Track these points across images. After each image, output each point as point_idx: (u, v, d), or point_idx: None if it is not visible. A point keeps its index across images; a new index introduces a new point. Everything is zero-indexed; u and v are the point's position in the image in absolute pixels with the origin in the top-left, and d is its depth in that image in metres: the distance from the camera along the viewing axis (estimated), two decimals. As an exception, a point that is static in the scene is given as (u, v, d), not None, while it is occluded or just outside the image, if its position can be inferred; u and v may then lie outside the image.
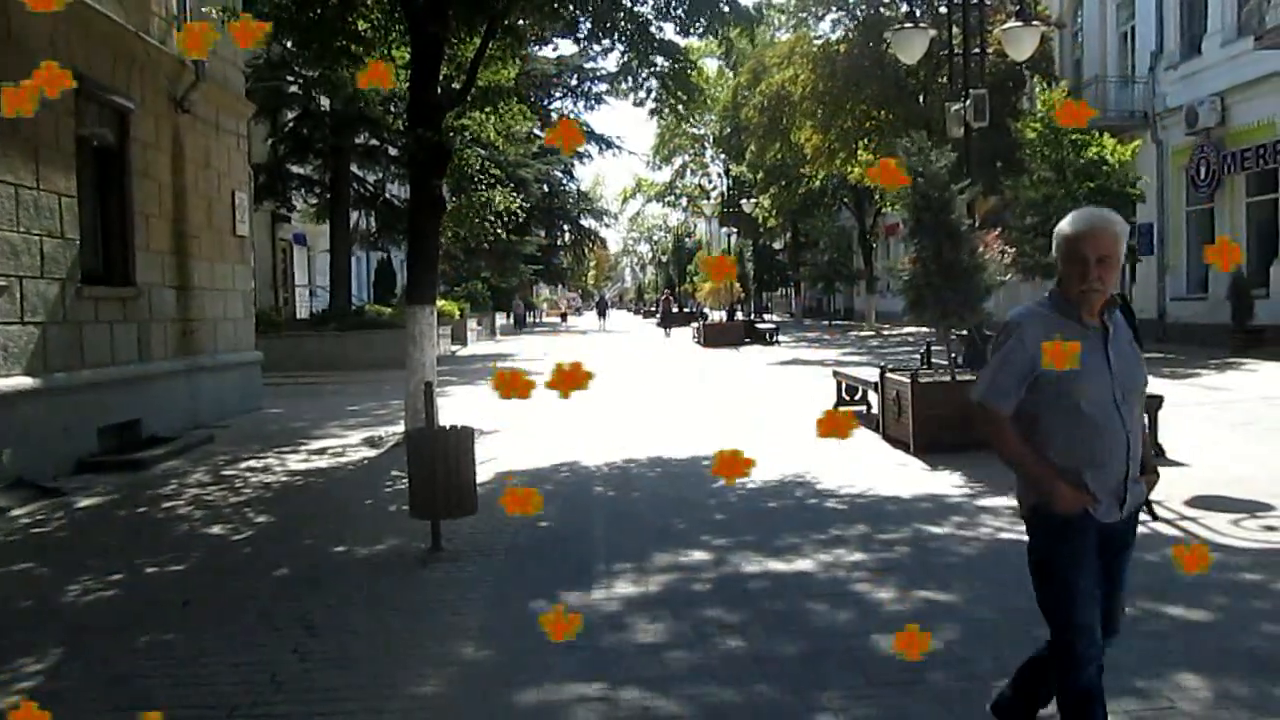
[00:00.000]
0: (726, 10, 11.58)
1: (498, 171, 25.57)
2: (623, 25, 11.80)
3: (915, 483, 8.23)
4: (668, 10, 11.82)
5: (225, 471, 9.68)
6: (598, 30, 12.00)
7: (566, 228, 53.12)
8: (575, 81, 35.93)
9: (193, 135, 12.94)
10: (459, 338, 32.73)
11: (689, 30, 12.08)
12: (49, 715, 3.72)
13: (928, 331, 11.33)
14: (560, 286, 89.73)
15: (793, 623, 4.90)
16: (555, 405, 10.44)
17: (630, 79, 12.59)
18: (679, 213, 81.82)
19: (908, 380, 9.88)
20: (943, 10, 19.80)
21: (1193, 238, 23.13)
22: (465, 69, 11.80)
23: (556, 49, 34.06)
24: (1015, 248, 17.81)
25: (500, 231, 28.31)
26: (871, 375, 11.46)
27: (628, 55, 12.22)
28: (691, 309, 54.98)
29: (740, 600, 5.29)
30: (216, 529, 7.34)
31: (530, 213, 35.79)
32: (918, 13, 26.13)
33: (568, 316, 72.33)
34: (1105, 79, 25.42)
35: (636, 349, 32.59)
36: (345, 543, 6.76)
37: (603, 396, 13.71)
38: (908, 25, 14.58)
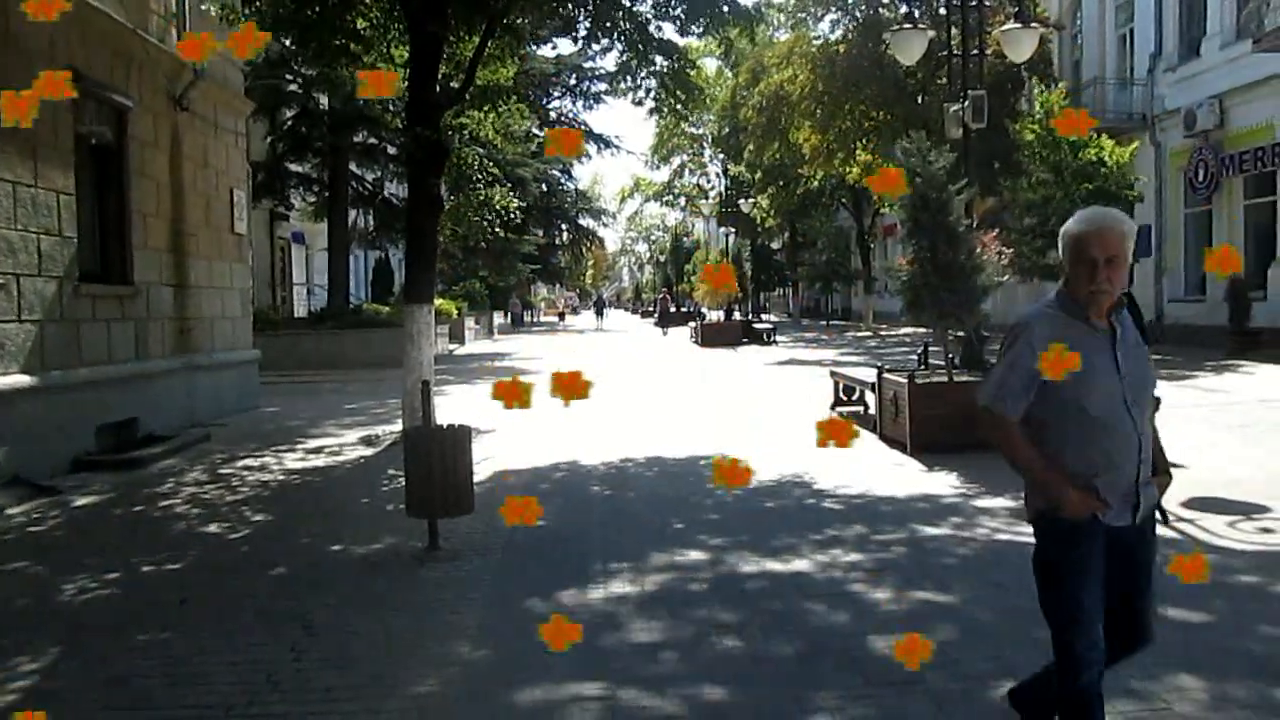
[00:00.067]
0: (725, 10, 11.58)
1: (496, 170, 25.57)
2: (622, 25, 11.80)
3: (912, 483, 8.24)
4: (667, 10, 11.83)
5: (222, 470, 9.68)
6: (597, 29, 11.99)
7: (564, 227, 53.14)
8: (574, 80, 36.04)
9: (191, 133, 12.94)
10: (457, 337, 32.72)
11: (688, 30, 12.09)
12: (44, 715, 3.72)
13: (925, 332, 11.35)
14: (558, 286, 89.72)
15: (790, 623, 4.91)
16: (552, 405, 10.43)
17: (629, 78, 12.57)
18: (677, 212, 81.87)
19: (905, 381, 9.89)
20: (942, 11, 19.79)
21: (1191, 240, 23.16)
22: (464, 68, 11.80)
23: (555, 48, 34.14)
24: (1013, 249, 17.84)
25: (498, 230, 28.31)
26: (869, 376, 11.46)
27: (627, 55, 12.20)
28: (689, 309, 54.99)
29: (737, 600, 5.30)
30: (213, 528, 7.33)
31: (528, 212, 35.82)
32: (917, 13, 26.11)
33: (565, 316, 72.30)
34: (1104, 81, 25.45)
35: (634, 349, 32.59)
36: (342, 542, 6.76)
37: (600, 396, 13.68)
38: (907, 26, 14.58)
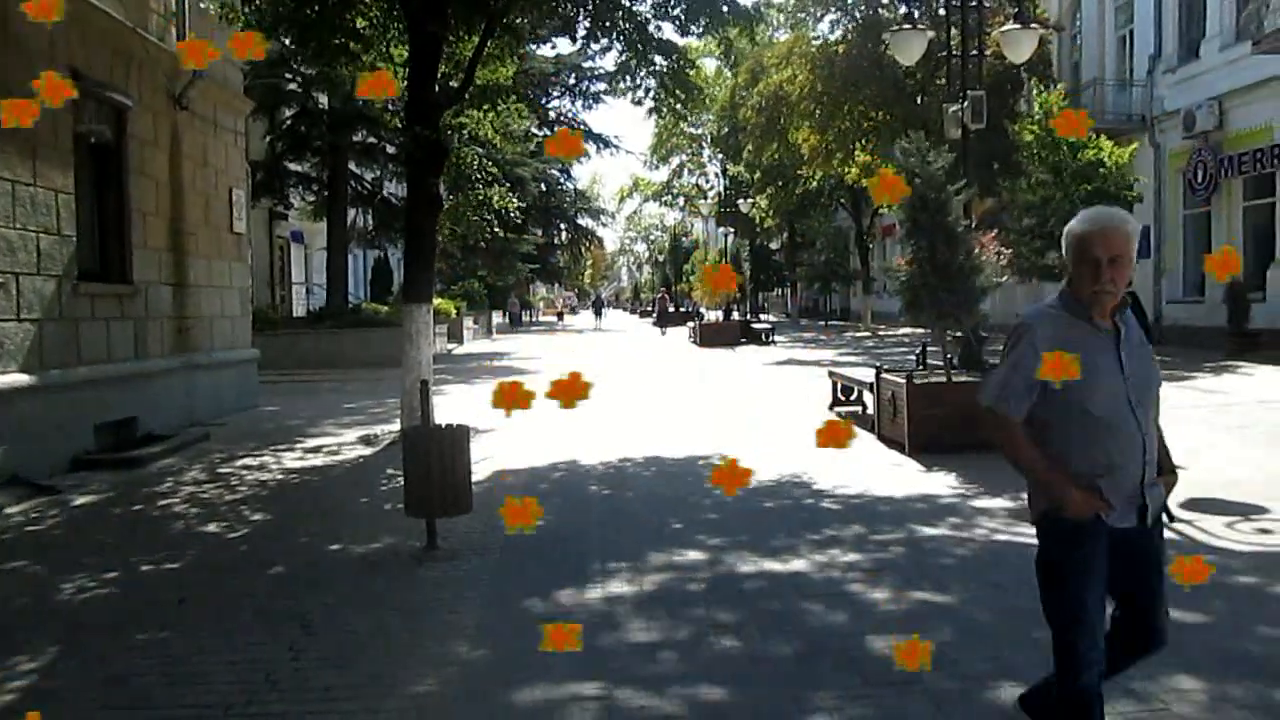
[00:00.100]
0: (725, 10, 11.58)
1: (495, 170, 25.56)
2: (621, 24, 11.80)
3: (910, 483, 8.25)
4: (666, 9, 11.83)
5: (221, 469, 9.68)
6: (596, 29, 11.99)
7: (563, 226, 53.13)
8: (573, 80, 36.01)
9: (190, 132, 12.93)
10: (455, 336, 32.73)
11: (688, 30, 12.08)
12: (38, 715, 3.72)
13: (924, 332, 11.35)
14: (557, 285, 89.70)
15: (788, 623, 4.91)
16: (551, 405, 10.43)
17: (628, 78, 12.57)
18: (676, 212, 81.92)
19: (903, 381, 9.89)
20: (941, 12, 19.80)
21: (1189, 241, 23.18)
22: (463, 67, 11.79)
23: (555, 48, 34.13)
24: (1012, 249, 17.85)
25: (497, 230, 28.31)
26: (867, 376, 11.47)
27: (626, 54, 12.20)
28: (688, 308, 55.03)
29: (736, 600, 5.30)
30: (212, 527, 7.33)
31: (527, 211, 35.81)
32: (916, 14, 26.12)
33: (564, 315, 72.31)
34: (1103, 82, 25.45)
35: (633, 348, 32.60)
36: (341, 541, 6.76)
37: (599, 396, 13.68)
38: (906, 26, 14.57)
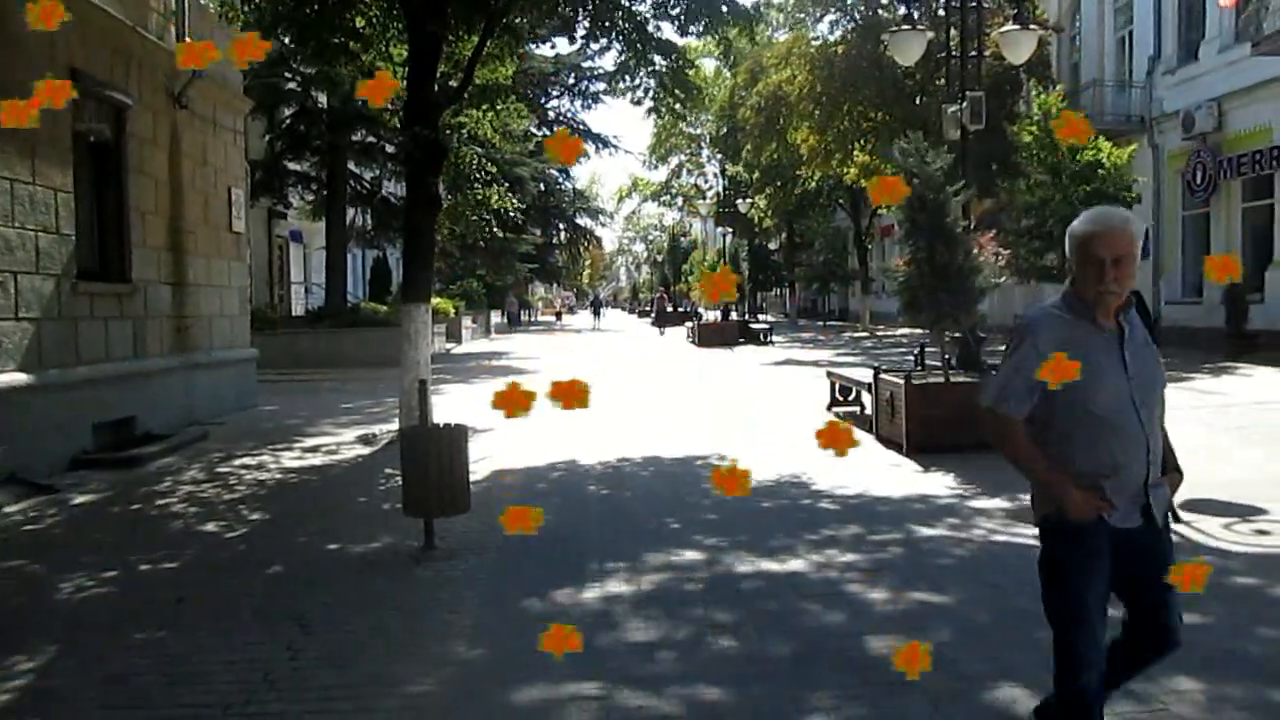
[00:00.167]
0: (725, 10, 11.58)
1: (494, 169, 25.56)
2: (620, 24, 11.80)
3: (908, 484, 8.25)
4: (665, 9, 11.83)
5: (220, 469, 9.68)
6: (595, 29, 11.99)
7: (562, 226, 53.08)
8: (572, 80, 36.06)
9: (190, 131, 12.93)
10: (454, 336, 32.73)
11: (687, 30, 12.09)
12: None
13: (922, 333, 11.36)
14: (555, 285, 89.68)
15: (786, 623, 4.92)
16: (549, 404, 10.44)
17: (628, 78, 12.58)
18: (674, 212, 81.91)
19: (901, 381, 9.89)
20: (941, 13, 19.81)
21: (1188, 242, 23.19)
22: (463, 67, 11.79)
23: (554, 47, 34.05)
24: (1010, 250, 17.87)
25: (496, 229, 28.30)
26: (865, 376, 11.47)
27: (625, 54, 12.20)
28: (686, 308, 55.05)
29: (733, 600, 5.30)
30: (211, 526, 7.33)
31: (526, 211, 35.80)
32: (916, 15, 26.14)
33: (562, 315, 72.32)
34: (1102, 83, 25.47)
35: (631, 348, 32.60)
36: (339, 540, 6.76)
37: (597, 396, 13.69)
38: (905, 27, 14.58)
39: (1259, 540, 6.24)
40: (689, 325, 37.33)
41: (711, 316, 39.58)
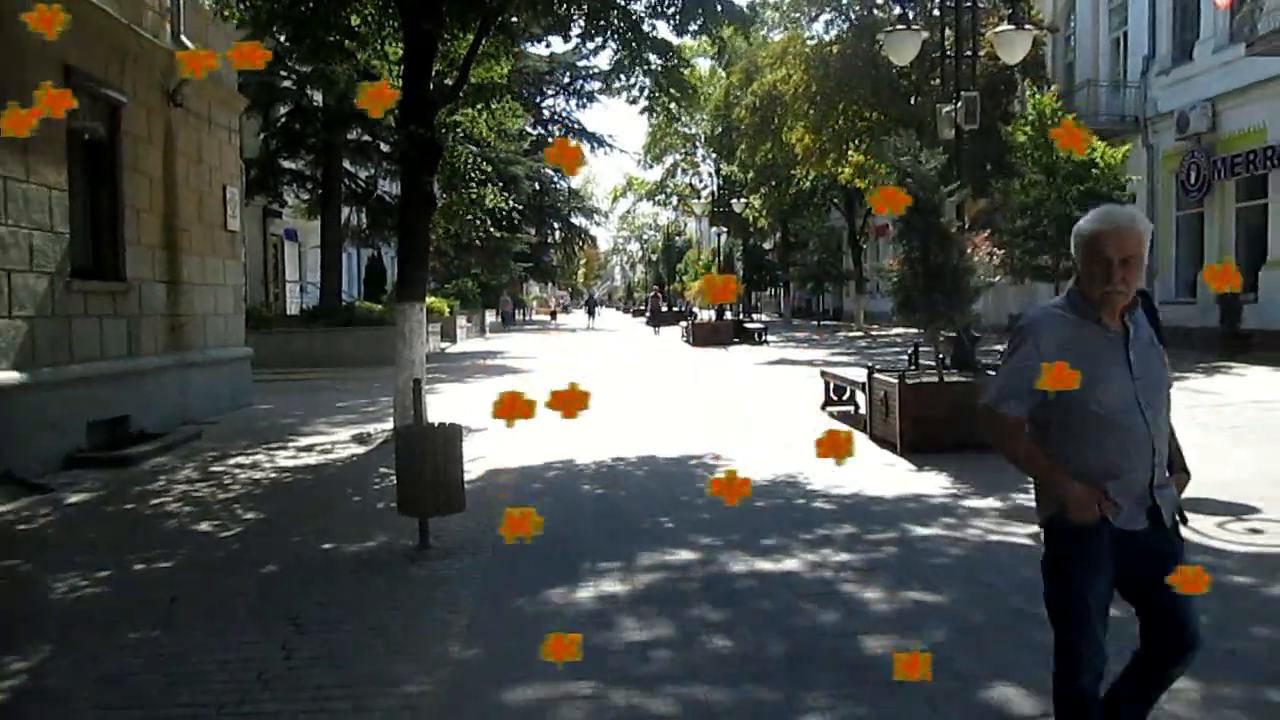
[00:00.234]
0: (720, 9, 11.58)
1: (489, 168, 25.54)
2: (616, 23, 11.80)
3: (902, 483, 8.26)
4: (661, 9, 11.83)
5: (214, 468, 9.66)
6: (591, 28, 11.99)
7: (557, 225, 53.08)
8: (568, 79, 36.04)
9: (184, 129, 12.90)
10: (449, 335, 32.71)
11: (683, 29, 12.09)
12: None
13: (916, 332, 11.36)
14: (550, 284, 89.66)
15: (780, 622, 4.92)
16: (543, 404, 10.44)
17: (623, 77, 12.57)
18: (669, 211, 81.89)
19: (895, 381, 9.91)
20: (936, 12, 19.83)
21: (1182, 242, 23.27)
22: (458, 65, 11.79)
23: (549, 46, 33.99)
24: (1004, 250, 17.91)
25: (491, 229, 28.27)
26: (859, 376, 11.49)
27: (620, 53, 12.20)
28: (680, 308, 55.06)
29: (728, 599, 5.31)
30: (205, 526, 7.32)
31: (521, 210, 35.78)
32: (910, 14, 26.18)
33: (557, 314, 72.32)
34: (1097, 83, 25.54)
35: (625, 348, 32.59)
36: (334, 540, 6.75)
37: (592, 396, 13.71)
38: (900, 27, 14.60)
39: (1253, 539, 6.25)
40: (684, 325, 37.34)
41: (706, 316, 39.60)
